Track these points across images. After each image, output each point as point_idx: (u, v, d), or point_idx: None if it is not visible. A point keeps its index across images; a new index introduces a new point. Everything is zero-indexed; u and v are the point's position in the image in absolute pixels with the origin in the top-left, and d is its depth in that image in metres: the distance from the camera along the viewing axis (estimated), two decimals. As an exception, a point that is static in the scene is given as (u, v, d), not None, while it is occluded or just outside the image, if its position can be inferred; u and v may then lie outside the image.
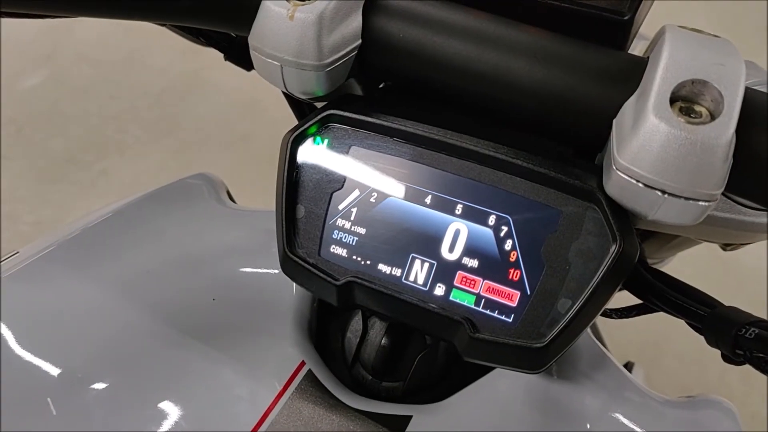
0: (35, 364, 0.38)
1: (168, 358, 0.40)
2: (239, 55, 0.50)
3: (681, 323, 0.39)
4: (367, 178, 0.35)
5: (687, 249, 0.72)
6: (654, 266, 0.74)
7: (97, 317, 0.41)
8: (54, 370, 0.38)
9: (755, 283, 1.48)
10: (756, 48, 1.86)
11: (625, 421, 0.41)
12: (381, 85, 0.41)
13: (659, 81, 0.28)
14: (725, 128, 0.27)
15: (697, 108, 0.28)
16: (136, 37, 1.96)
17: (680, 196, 0.28)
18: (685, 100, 0.28)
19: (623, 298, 0.47)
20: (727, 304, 0.36)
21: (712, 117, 0.28)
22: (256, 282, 0.44)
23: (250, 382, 0.39)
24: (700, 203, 0.28)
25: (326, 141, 0.36)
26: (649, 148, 0.27)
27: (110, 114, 1.83)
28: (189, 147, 1.77)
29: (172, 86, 1.89)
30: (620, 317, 0.51)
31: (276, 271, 0.37)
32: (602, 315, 0.50)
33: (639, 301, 0.43)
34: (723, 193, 0.29)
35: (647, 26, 0.40)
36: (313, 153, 0.36)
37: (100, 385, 0.38)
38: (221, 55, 0.51)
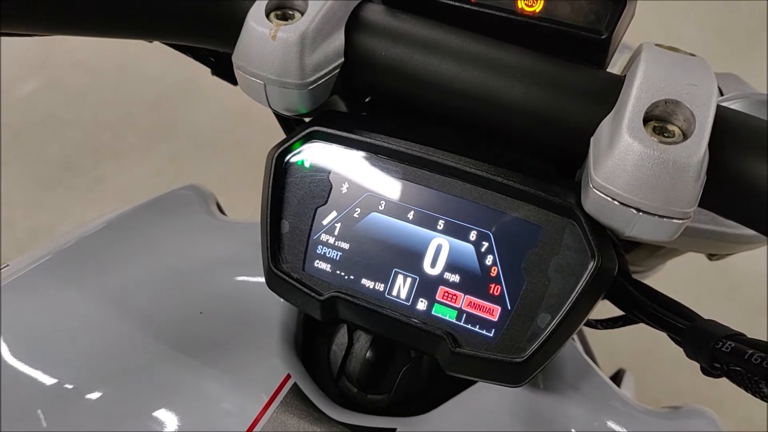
0: (25, 376, 0.38)
1: (156, 371, 0.40)
2: (226, 70, 0.50)
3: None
4: (351, 193, 0.35)
5: (677, 257, 0.72)
6: (644, 275, 0.75)
7: (86, 330, 0.41)
8: (44, 383, 0.38)
9: (747, 287, 1.49)
10: (749, 53, 1.87)
11: (610, 430, 0.41)
12: (367, 99, 0.41)
13: (633, 101, 0.29)
14: (697, 147, 0.27)
15: (670, 127, 0.29)
16: (131, 45, 1.96)
17: (654, 214, 0.28)
18: (659, 120, 0.29)
19: (611, 308, 0.48)
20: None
21: (685, 136, 0.28)
22: (243, 295, 0.44)
23: (237, 396, 0.39)
24: (674, 221, 0.28)
25: (310, 157, 0.36)
26: (624, 166, 0.28)
27: (106, 120, 1.83)
28: (184, 153, 1.78)
29: (167, 93, 1.90)
30: (605, 328, 0.51)
31: (262, 283, 0.38)
32: (587, 326, 0.51)
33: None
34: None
35: (638, 26, 0.40)
36: (298, 169, 0.36)
37: (88, 398, 0.38)
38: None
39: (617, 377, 0.95)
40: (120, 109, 1.86)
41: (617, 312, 0.48)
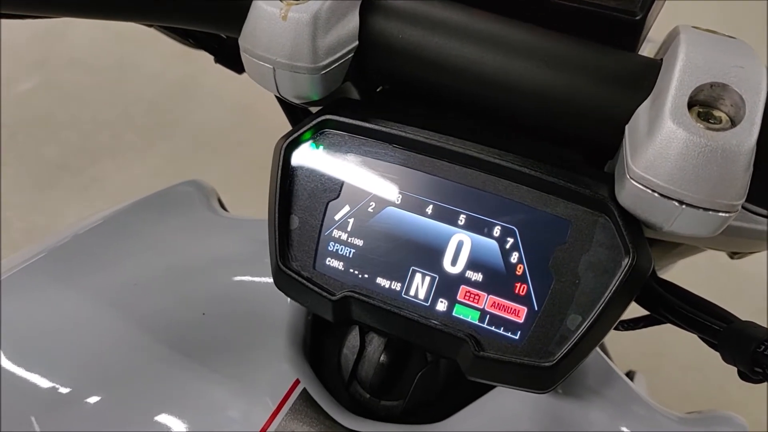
0: (18, 380, 0.36)
1: (156, 376, 0.38)
2: (230, 57, 0.48)
3: (681, 331, 0.37)
4: (365, 186, 0.33)
5: (691, 256, 0.70)
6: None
7: (83, 332, 0.39)
8: (38, 387, 0.37)
9: (756, 289, 1.47)
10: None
11: None
12: (379, 89, 0.39)
13: (676, 84, 0.26)
14: (748, 134, 0.25)
15: (716, 113, 0.27)
16: (129, 43, 1.94)
17: (699, 207, 0.26)
18: (704, 105, 0.27)
19: (630, 308, 0.46)
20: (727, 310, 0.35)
21: (733, 123, 0.26)
22: (248, 295, 0.42)
23: (243, 402, 0.37)
24: (720, 214, 0.26)
25: (321, 147, 0.34)
26: (666, 155, 0.26)
27: (104, 120, 1.81)
28: (183, 153, 1.76)
29: (166, 92, 1.88)
30: (627, 329, 0.49)
31: (269, 283, 0.35)
32: (609, 327, 0.49)
33: (646, 312, 0.41)
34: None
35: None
36: (308, 160, 0.34)
37: (85, 404, 0.36)
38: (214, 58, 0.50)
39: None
40: (118, 108, 1.84)
41: (637, 311, 0.46)
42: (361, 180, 0.33)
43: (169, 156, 1.74)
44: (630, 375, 0.96)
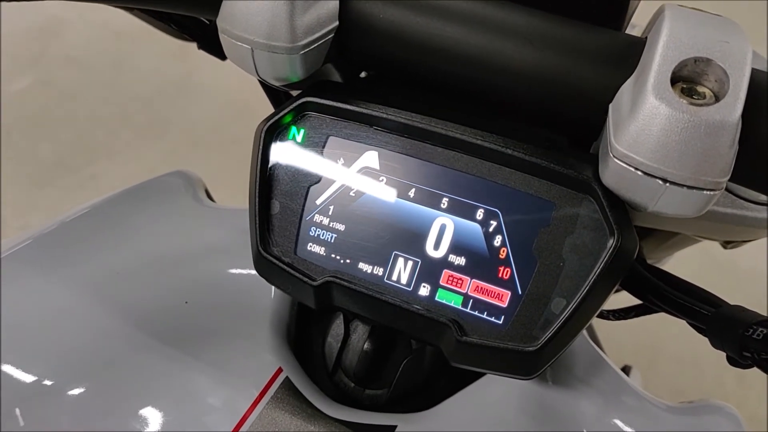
0: (1, 372, 0.36)
1: (139, 364, 0.37)
2: (213, 43, 0.48)
3: (677, 324, 0.37)
4: (347, 170, 0.33)
5: (685, 248, 0.70)
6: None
7: (65, 322, 0.39)
8: (21, 378, 0.36)
9: (751, 284, 1.46)
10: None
11: (624, 428, 0.38)
12: (362, 75, 0.39)
13: (659, 60, 0.26)
14: (731, 110, 0.25)
15: (700, 89, 0.26)
16: (124, 40, 1.94)
17: (683, 185, 0.26)
18: (687, 81, 0.26)
19: (621, 299, 0.45)
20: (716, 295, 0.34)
21: (717, 98, 0.25)
22: (232, 283, 0.42)
23: (224, 390, 0.37)
24: (705, 192, 0.26)
25: (302, 131, 0.33)
26: (649, 132, 0.25)
27: (100, 118, 1.80)
28: (180, 151, 1.75)
29: (162, 89, 1.87)
30: (618, 318, 0.48)
31: (253, 272, 0.35)
32: (599, 316, 0.48)
33: (638, 302, 0.41)
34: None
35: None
36: (289, 144, 0.34)
37: (68, 394, 0.36)
38: (212, 57, 0.49)
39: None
40: (114, 105, 1.83)
41: (629, 302, 0.46)
42: (343, 164, 0.33)
43: (166, 153, 1.74)
44: (626, 370, 0.96)
